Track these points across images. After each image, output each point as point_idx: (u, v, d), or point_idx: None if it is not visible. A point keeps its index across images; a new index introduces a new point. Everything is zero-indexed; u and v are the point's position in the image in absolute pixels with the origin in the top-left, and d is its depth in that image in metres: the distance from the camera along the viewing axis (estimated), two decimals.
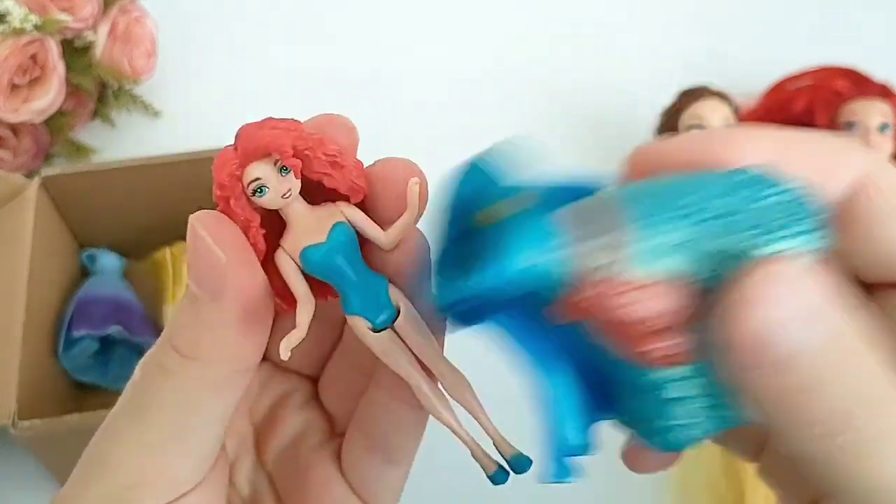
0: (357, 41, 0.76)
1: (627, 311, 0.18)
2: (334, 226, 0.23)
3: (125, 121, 0.69)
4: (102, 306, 0.53)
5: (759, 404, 0.18)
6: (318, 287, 0.23)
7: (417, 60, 0.75)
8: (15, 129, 0.61)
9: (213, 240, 0.21)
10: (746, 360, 0.17)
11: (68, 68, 0.61)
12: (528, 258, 0.18)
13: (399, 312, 0.23)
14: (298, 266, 0.23)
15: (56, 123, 0.63)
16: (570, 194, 0.20)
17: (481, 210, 0.18)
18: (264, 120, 0.22)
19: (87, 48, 0.64)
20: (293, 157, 0.22)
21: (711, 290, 0.18)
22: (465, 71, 0.74)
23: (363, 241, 0.23)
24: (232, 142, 0.22)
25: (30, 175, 0.56)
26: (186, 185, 0.55)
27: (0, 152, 0.61)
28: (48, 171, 0.53)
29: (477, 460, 0.24)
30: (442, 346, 0.24)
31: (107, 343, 0.53)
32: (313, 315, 0.23)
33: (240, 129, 0.22)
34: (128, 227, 0.58)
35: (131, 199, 0.56)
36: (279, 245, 0.23)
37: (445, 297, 0.19)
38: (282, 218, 0.23)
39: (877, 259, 0.21)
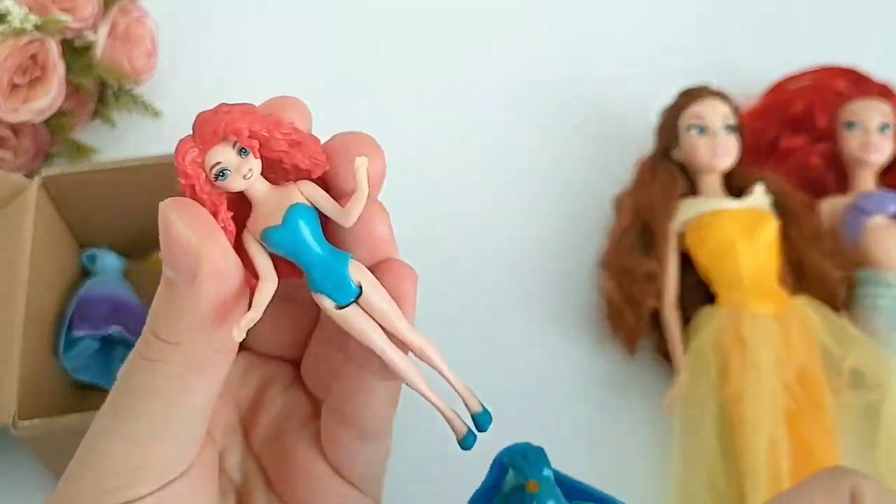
0: (357, 40, 0.76)
1: None
2: (291, 206, 0.23)
3: (125, 121, 0.69)
4: (102, 306, 0.53)
5: None
6: (289, 266, 0.24)
7: (418, 59, 0.75)
8: (15, 129, 0.61)
9: (183, 223, 0.22)
10: None
11: (68, 68, 0.61)
12: None
13: (361, 289, 0.24)
14: (263, 246, 0.23)
15: (56, 123, 0.63)
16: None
17: (529, 480, 0.24)
18: (218, 106, 0.23)
19: (87, 48, 0.64)
20: (250, 138, 0.22)
21: None
22: (466, 71, 0.74)
23: (326, 217, 0.24)
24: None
25: (30, 175, 0.56)
26: None
27: (0, 152, 0.61)
28: (48, 171, 0.53)
29: (448, 422, 0.25)
30: (411, 318, 0.25)
31: (107, 343, 0.53)
32: (286, 297, 0.24)
33: (196, 117, 0.23)
34: (128, 227, 0.58)
35: (131, 199, 0.56)
36: (245, 226, 0.24)
37: None
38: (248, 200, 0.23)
39: None
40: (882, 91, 0.64)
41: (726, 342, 0.53)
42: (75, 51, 0.64)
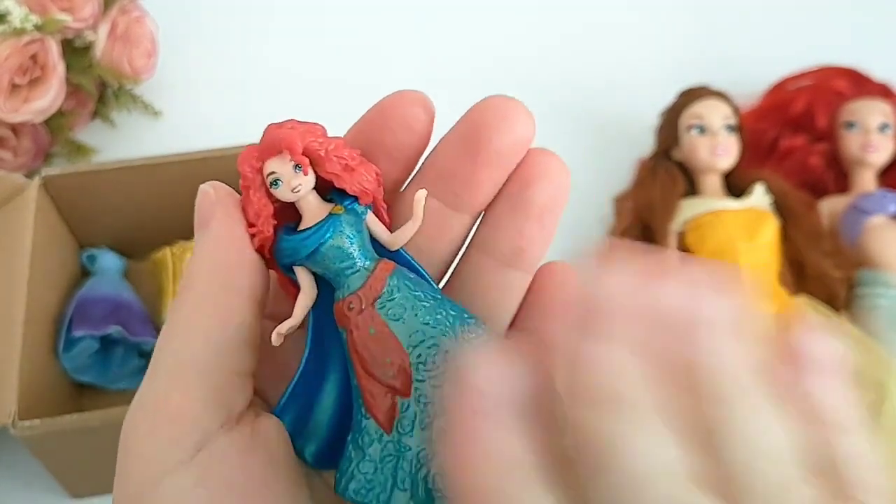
0: (357, 40, 0.76)
1: (362, 338, 0.23)
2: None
3: (125, 121, 0.69)
4: (102, 306, 0.53)
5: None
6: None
7: (419, 60, 0.75)
8: (15, 129, 0.61)
9: (212, 188, 0.24)
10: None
11: (68, 68, 0.61)
12: (338, 242, 0.24)
13: None
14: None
15: (56, 123, 0.63)
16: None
17: (335, 205, 0.24)
18: (287, 120, 0.24)
19: (87, 48, 0.64)
20: (302, 155, 0.23)
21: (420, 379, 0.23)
22: (464, 71, 0.74)
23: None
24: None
25: (30, 175, 0.56)
26: (186, 185, 0.55)
27: (0, 152, 0.61)
28: (48, 171, 0.53)
29: None
30: None
31: (107, 343, 0.53)
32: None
33: (265, 128, 0.24)
34: (128, 227, 0.58)
35: (131, 199, 0.56)
36: None
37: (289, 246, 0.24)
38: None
39: None
40: (882, 91, 0.64)
41: None
42: (75, 51, 0.64)
